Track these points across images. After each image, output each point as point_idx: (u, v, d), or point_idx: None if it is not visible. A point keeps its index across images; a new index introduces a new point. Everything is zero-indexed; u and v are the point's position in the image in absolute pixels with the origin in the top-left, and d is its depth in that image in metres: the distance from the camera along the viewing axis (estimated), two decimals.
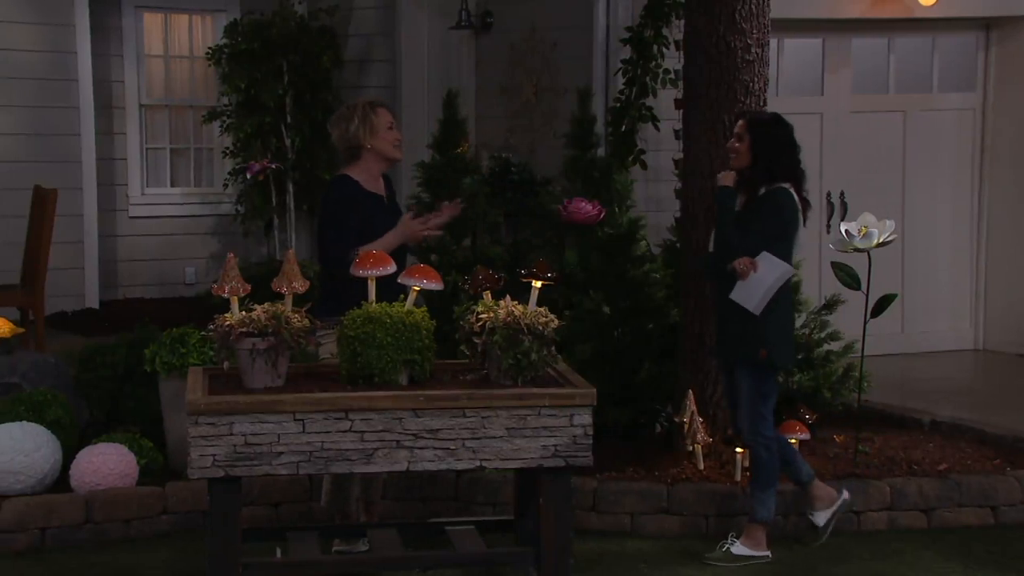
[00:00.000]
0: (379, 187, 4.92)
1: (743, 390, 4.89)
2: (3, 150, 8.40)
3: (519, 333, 4.12)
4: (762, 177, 4.85)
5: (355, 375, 4.12)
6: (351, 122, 4.85)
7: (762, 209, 4.83)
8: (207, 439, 3.92)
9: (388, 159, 4.92)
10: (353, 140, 4.86)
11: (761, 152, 4.87)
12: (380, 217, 4.83)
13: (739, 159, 4.90)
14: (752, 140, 4.88)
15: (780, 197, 4.85)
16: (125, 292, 9.26)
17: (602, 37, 7.75)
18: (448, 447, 4.05)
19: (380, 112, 4.89)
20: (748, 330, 4.81)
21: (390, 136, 4.88)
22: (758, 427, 4.89)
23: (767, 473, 4.91)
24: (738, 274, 4.80)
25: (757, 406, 4.87)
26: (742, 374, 4.89)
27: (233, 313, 4.10)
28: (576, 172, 6.43)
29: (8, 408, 5.38)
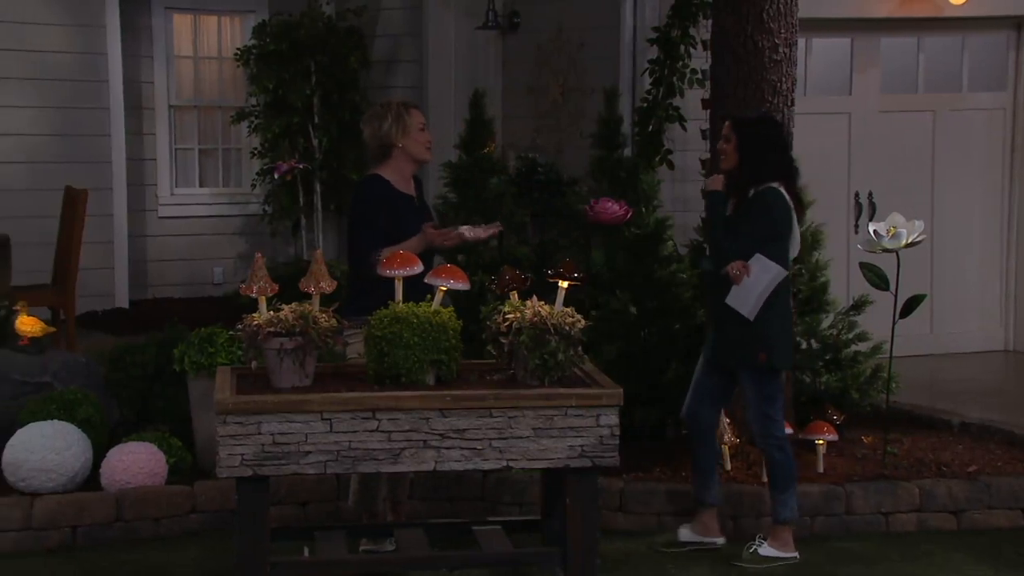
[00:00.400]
0: (410, 188, 4.93)
1: (748, 395, 4.86)
2: (35, 151, 8.48)
3: (546, 333, 4.12)
4: (750, 178, 4.81)
5: (382, 375, 4.14)
6: (384, 121, 4.86)
7: (752, 210, 4.80)
8: (235, 438, 3.94)
9: (418, 160, 4.93)
10: (385, 139, 4.87)
11: (748, 152, 4.82)
12: (410, 218, 4.83)
13: (727, 160, 4.87)
14: (738, 141, 4.84)
15: (769, 197, 4.80)
16: (154, 292, 9.32)
17: (629, 37, 7.74)
18: (475, 447, 4.05)
19: (413, 113, 4.90)
20: (746, 334, 4.78)
21: (422, 137, 4.89)
22: (768, 429, 4.87)
23: (784, 473, 4.89)
24: (731, 279, 4.77)
25: (764, 409, 4.84)
26: (745, 379, 4.86)
27: (261, 313, 4.11)
28: (603, 172, 6.42)
29: (40, 407, 5.42)
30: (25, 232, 7.89)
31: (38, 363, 5.76)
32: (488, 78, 8.65)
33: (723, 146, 4.88)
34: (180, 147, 9.57)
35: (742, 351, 4.81)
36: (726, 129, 4.90)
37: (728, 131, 4.88)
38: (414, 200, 4.92)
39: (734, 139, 4.84)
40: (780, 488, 4.90)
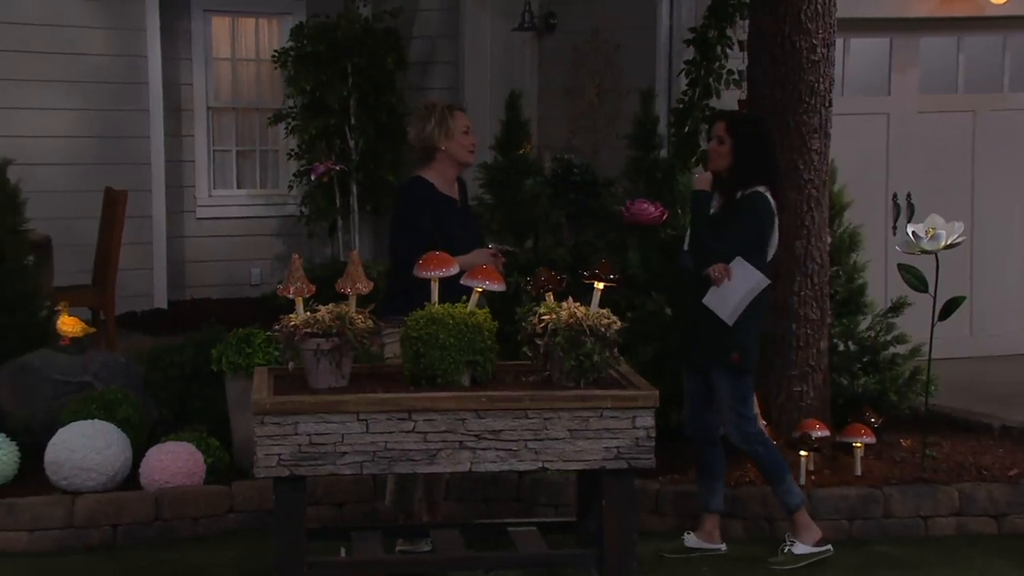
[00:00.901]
0: (453, 190, 4.93)
1: (722, 395, 4.85)
2: (76, 152, 8.57)
3: (581, 334, 4.12)
4: (742, 180, 4.80)
5: (418, 376, 4.15)
6: (427, 123, 4.86)
7: (740, 214, 4.78)
8: (272, 438, 3.97)
9: (461, 163, 4.92)
10: (428, 141, 4.87)
11: (743, 155, 4.80)
12: (452, 220, 4.84)
13: (719, 161, 4.83)
14: (734, 142, 4.80)
15: (757, 202, 4.79)
16: (192, 293, 9.39)
17: (665, 38, 7.72)
18: (510, 448, 4.06)
19: (457, 116, 4.90)
20: (719, 335, 4.77)
21: (465, 140, 4.89)
22: (745, 428, 4.85)
23: (775, 464, 4.88)
24: (712, 280, 4.75)
25: (738, 408, 4.84)
26: (718, 379, 4.84)
27: (298, 314, 4.14)
28: (639, 173, 6.41)
29: (80, 407, 5.48)
30: (66, 233, 7.97)
31: (79, 363, 5.81)
32: (524, 79, 8.65)
33: (716, 147, 4.83)
34: (218, 148, 9.64)
35: (716, 351, 4.80)
36: (720, 129, 4.84)
37: (723, 132, 4.82)
38: (456, 202, 4.93)
39: (729, 140, 4.80)
40: (777, 479, 4.89)
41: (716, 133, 4.85)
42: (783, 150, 5.67)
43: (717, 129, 4.85)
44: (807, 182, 5.72)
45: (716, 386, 4.86)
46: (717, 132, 4.84)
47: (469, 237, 4.91)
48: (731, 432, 4.86)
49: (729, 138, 4.80)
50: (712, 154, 4.85)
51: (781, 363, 5.73)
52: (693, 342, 4.90)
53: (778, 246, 5.70)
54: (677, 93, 7.43)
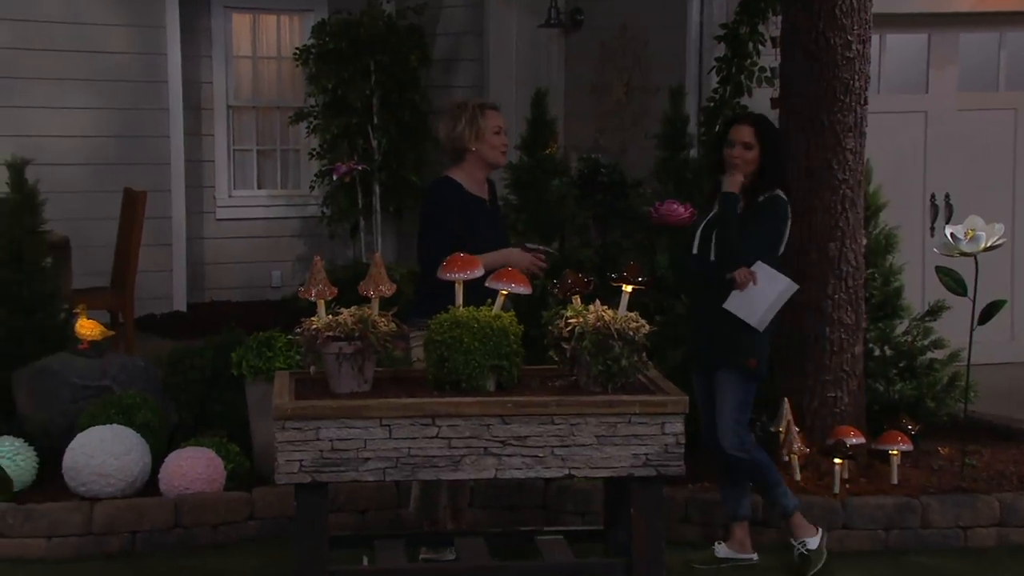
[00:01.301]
0: (482, 190, 4.93)
1: (726, 400, 4.83)
2: (94, 152, 8.63)
3: (609, 338, 4.12)
4: (767, 184, 4.82)
5: (442, 380, 4.17)
6: (458, 122, 4.85)
7: (762, 216, 4.79)
8: (294, 444, 3.99)
9: (491, 164, 4.92)
10: (458, 141, 4.86)
11: (771, 159, 4.84)
12: (481, 221, 4.84)
13: (746, 166, 4.83)
14: (763, 147, 4.82)
15: (780, 205, 4.82)
16: (212, 295, 9.44)
17: (695, 34, 7.71)
18: (536, 455, 4.07)
19: (489, 115, 4.87)
20: (737, 338, 4.76)
21: (496, 141, 4.86)
22: (742, 437, 4.85)
23: (770, 471, 4.89)
24: (737, 285, 4.74)
25: (738, 416, 4.83)
26: (726, 382, 4.82)
27: (320, 317, 4.16)
28: (668, 173, 6.41)
29: (99, 411, 5.52)
30: (84, 234, 8.03)
31: (97, 367, 5.86)
32: (550, 77, 8.66)
33: (743, 153, 4.81)
34: (238, 148, 9.70)
35: (728, 353, 4.80)
36: (747, 135, 4.83)
37: (751, 138, 4.82)
38: (486, 203, 4.92)
39: (757, 146, 4.82)
40: (771, 486, 4.89)
41: (741, 139, 4.83)
42: (817, 149, 5.67)
43: (741, 134, 4.84)
44: (841, 182, 5.71)
45: (719, 388, 4.85)
46: (742, 138, 4.83)
47: (497, 238, 4.91)
48: (724, 436, 4.84)
49: (757, 143, 4.82)
50: (738, 160, 4.82)
51: (815, 368, 5.72)
52: (702, 344, 4.90)
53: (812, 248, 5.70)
54: (707, 91, 7.42)
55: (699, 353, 4.96)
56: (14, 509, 5.10)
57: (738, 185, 4.83)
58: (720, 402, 4.85)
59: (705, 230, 4.89)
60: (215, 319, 8.06)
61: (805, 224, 5.59)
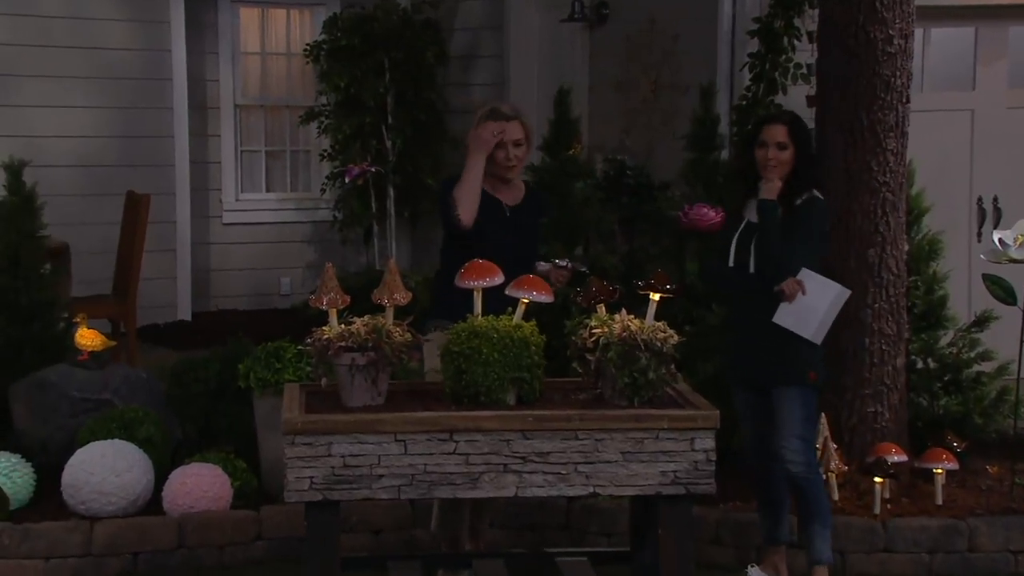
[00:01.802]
0: (507, 194, 4.87)
1: (792, 417, 4.77)
2: (95, 153, 8.66)
3: (636, 349, 4.13)
4: (803, 186, 4.80)
5: (460, 393, 4.18)
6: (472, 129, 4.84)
7: (802, 221, 4.76)
8: (304, 460, 4.00)
9: (496, 177, 4.85)
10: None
11: (805, 159, 4.82)
12: (493, 225, 4.79)
13: (780, 169, 4.80)
14: (797, 147, 4.81)
15: (819, 206, 4.81)
16: (218, 303, 9.48)
17: (727, 29, 7.72)
18: (559, 472, 4.07)
19: (489, 126, 4.78)
20: (792, 351, 4.73)
21: (497, 155, 4.81)
22: (809, 456, 4.80)
23: (827, 505, 4.84)
24: (785, 296, 4.72)
25: (804, 432, 4.79)
26: (786, 399, 4.78)
27: (331, 326, 4.18)
28: (697, 176, 6.42)
29: (100, 426, 5.54)
30: (85, 240, 8.08)
31: (98, 379, 5.89)
32: (574, 74, 8.68)
33: (778, 154, 4.79)
34: (246, 149, 9.74)
35: (789, 369, 4.76)
36: (781, 134, 4.81)
37: (786, 137, 4.80)
38: (504, 206, 4.87)
39: (792, 146, 4.80)
40: (823, 522, 4.81)
41: (775, 138, 4.81)
42: (856, 150, 5.67)
43: (775, 134, 4.82)
44: (882, 185, 5.70)
45: (780, 406, 4.81)
46: (776, 137, 4.81)
47: (518, 246, 4.84)
48: (790, 458, 4.79)
49: (792, 143, 4.80)
50: (773, 161, 4.79)
51: (853, 381, 5.71)
52: (749, 359, 4.87)
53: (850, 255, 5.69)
54: (740, 89, 7.42)
55: (745, 368, 4.91)
56: (10, 529, 5.13)
57: (776, 192, 4.81)
58: (783, 420, 4.80)
59: (742, 239, 4.85)
60: (221, 329, 8.09)
61: (843, 229, 5.59)
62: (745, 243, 4.83)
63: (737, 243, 4.85)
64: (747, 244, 4.82)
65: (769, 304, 4.76)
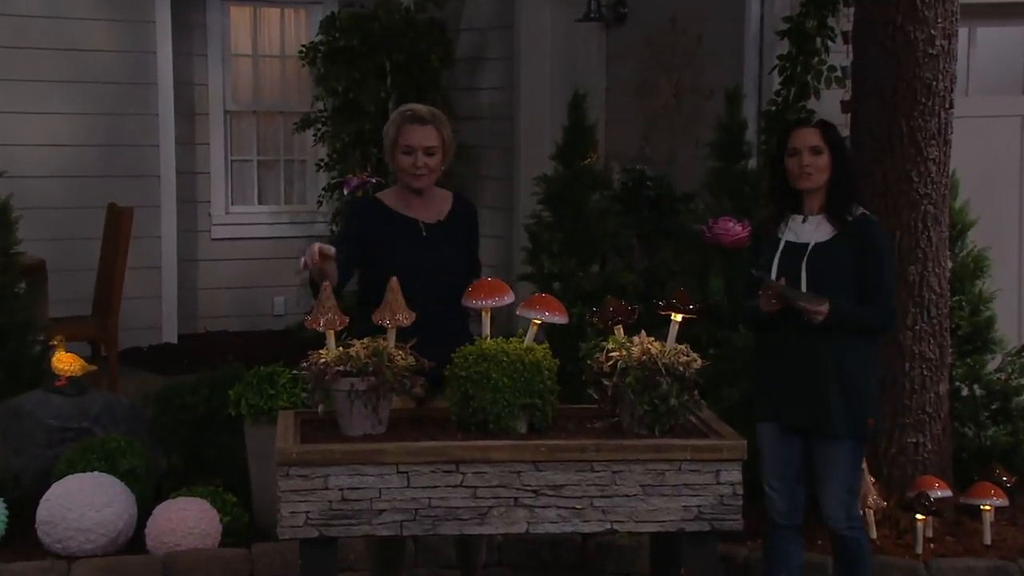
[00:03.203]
0: (427, 211, 4.77)
1: (838, 468, 4.60)
2: (74, 163, 8.69)
3: (656, 374, 4.14)
4: (848, 196, 4.62)
5: (467, 421, 4.20)
6: (385, 132, 4.80)
7: (873, 248, 4.56)
8: (299, 494, 4.02)
9: (406, 187, 4.77)
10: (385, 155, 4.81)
11: (843, 166, 4.63)
12: (406, 246, 4.68)
13: (819, 177, 4.61)
14: (834, 152, 4.62)
15: (879, 226, 4.65)
16: (206, 325, 9.51)
17: (755, 29, 7.74)
18: (573, 506, 4.09)
19: (404, 131, 4.72)
20: (853, 399, 4.56)
21: (404, 162, 4.72)
22: (855, 510, 4.66)
23: (869, 563, 4.68)
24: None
25: (852, 483, 4.65)
26: (838, 450, 4.59)
27: (329, 349, 4.20)
28: (723, 187, 6.43)
29: (78, 457, 5.57)
30: (63, 257, 8.11)
31: (77, 406, 5.92)
32: (589, 78, 8.71)
33: (814, 160, 4.59)
34: (237, 159, 9.79)
35: (848, 417, 4.57)
36: (814, 138, 4.61)
37: (820, 141, 4.61)
38: (420, 225, 4.74)
39: (828, 151, 4.61)
40: None
41: (808, 143, 4.61)
42: (894, 159, 5.68)
43: (807, 138, 4.62)
44: (923, 197, 5.72)
45: (828, 456, 4.61)
46: (809, 141, 4.61)
47: (436, 268, 4.68)
48: (836, 512, 4.61)
49: (827, 147, 4.63)
50: (809, 168, 4.60)
51: (892, 410, 5.71)
52: (792, 397, 4.63)
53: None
54: (769, 93, 7.44)
55: (786, 409, 4.66)
56: None
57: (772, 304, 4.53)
58: (829, 472, 4.61)
59: (785, 263, 4.61)
60: (210, 352, 8.13)
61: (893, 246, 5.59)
62: (790, 267, 4.59)
63: (779, 268, 4.61)
64: (791, 268, 4.58)
65: (824, 339, 4.53)
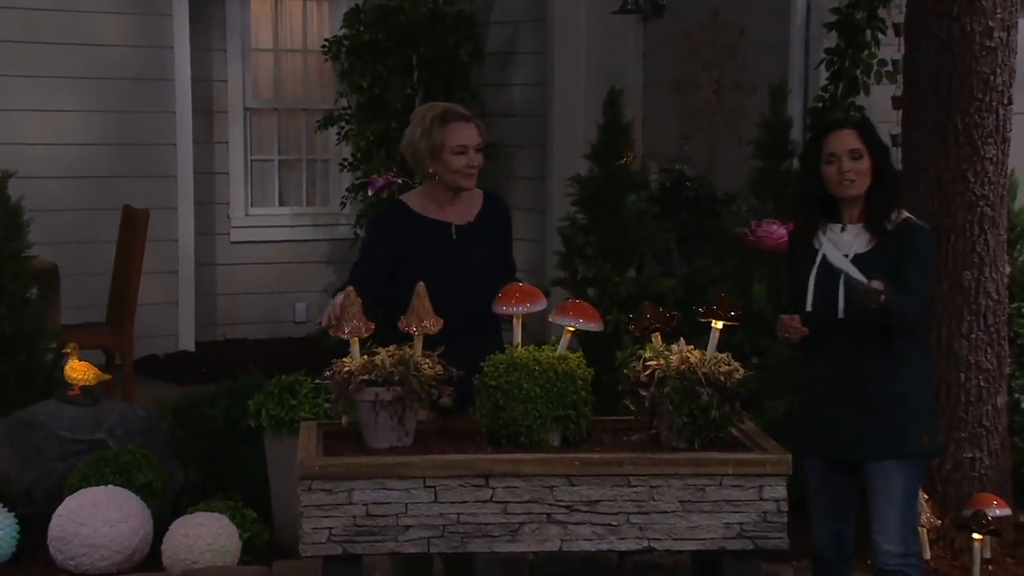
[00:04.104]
0: (457, 212, 4.77)
1: (893, 494, 4.46)
2: (88, 163, 8.73)
3: (696, 384, 4.14)
4: (890, 201, 4.50)
5: (497, 433, 4.20)
6: (414, 133, 4.77)
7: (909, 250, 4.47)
8: (322, 509, 4.04)
9: (451, 188, 4.74)
10: (415, 158, 4.77)
11: (886, 170, 4.52)
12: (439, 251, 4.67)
13: (855, 186, 4.47)
14: (875, 155, 4.50)
15: (924, 234, 4.55)
16: (225, 332, 9.55)
17: (801, 21, 7.73)
18: (609, 523, 4.09)
19: (451, 129, 4.69)
20: (904, 416, 4.45)
21: (457, 162, 4.68)
22: (911, 543, 4.49)
23: None
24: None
25: (910, 512, 4.51)
26: (891, 473, 4.46)
27: (353, 358, 4.21)
28: (766, 188, 6.43)
29: (93, 470, 5.59)
30: (75, 261, 8.16)
31: (90, 417, 5.95)
32: (626, 73, 8.72)
33: (854, 164, 4.45)
34: (257, 158, 9.82)
35: (900, 436, 4.45)
36: (854, 140, 4.47)
37: (860, 143, 4.47)
38: (452, 228, 4.75)
39: (868, 153, 4.48)
40: None
41: (846, 146, 4.46)
42: (949, 158, 5.67)
43: (845, 140, 4.48)
44: (979, 198, 5.70)
45: (879, 483, 4.49)
46: (848, 144, 4.47)
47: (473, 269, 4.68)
48: (889, 547, 4.45)
49: (867, 150, 4.49)
50: (851, 174, 4.46)
51: (947, 423, 5.68)
52: (834, 425, 4.51)
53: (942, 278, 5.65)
54: (816, 89, 7.44)
55: (828, 438, 4.54)
56: None
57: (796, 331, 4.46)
58: (883, 499, 4.47)
59: (822, 278, 4.51)
60: (229, 360, 8.15)
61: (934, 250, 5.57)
62: (826, 284, 4.49)
63: (816, 284, 4.51)
64: (829, 285, 4.49)
65: (863, 356, 4.46)
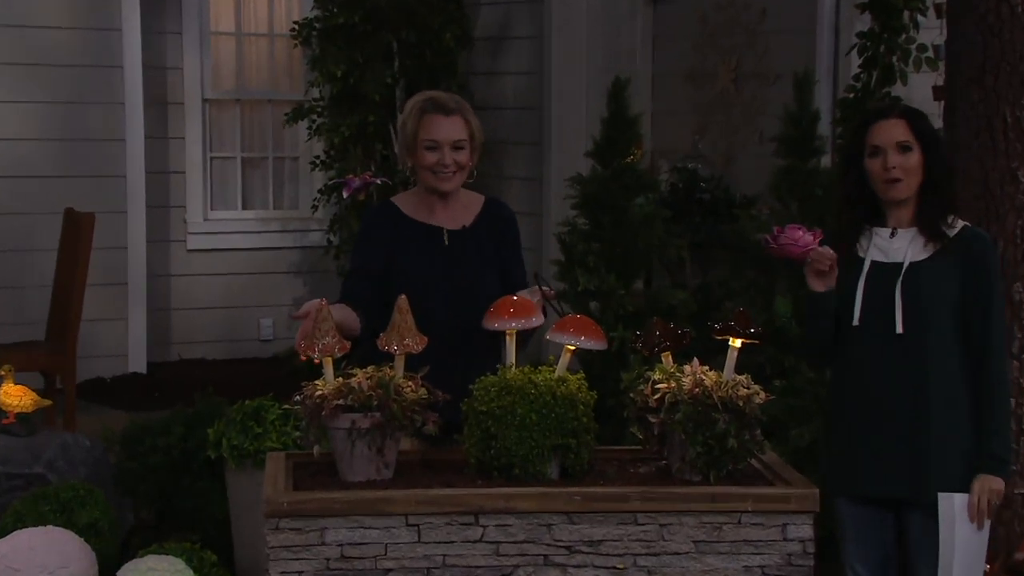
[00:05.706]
0: (449, 217, 4.79)
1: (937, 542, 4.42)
2: (25, 161, 8.73)
3: (711, 410, 4.16)
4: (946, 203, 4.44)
5: (488, 465, 4.21)
6: (400, 124, 4.80)
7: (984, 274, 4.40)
8: (291, 550, 4.04)
9: (429, 189, 4.76)
10: (399, 153, 4.80)
11: (939, 163, 4.45)
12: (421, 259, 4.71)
13: (906, 184, 4.41)
14: (927, 150, 4.42)
15: (992, 246, 4.51)
16: (180, 351, 9.55)
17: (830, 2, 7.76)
18: (614, 565, 4.10)
19: (426, 121, 4.69)
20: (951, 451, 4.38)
21: (427, 159, 4.69)
22: None
23: None
24: None
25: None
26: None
27: (326, 380, 4.23)
28: (790, 189, 6.44)
29: (29, 508, 5.58)
30: (11, 271, 8.18)
31: (28, 448, 5.95)
32: (633, 61, 8.74)
33: (902, 160, 4.39)
34: (217, 156, 9.84)
35: (952, 476, 4.39)
36: (903, 132, 4.40)
37: (908, 135, 4.40)
38: (441, 232, 4.78)
39: (919, 148, 4.41)
40: None
41: (893, 139, 4.41)
42: (997, 156, 5.67)
43: (892, 132, 4.42)
44: None
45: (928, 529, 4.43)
46: (895, 137, 4.40)
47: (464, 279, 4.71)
48: None
49: (917, 143, 4.43)
50: (898, 171, 4.40)
51: None
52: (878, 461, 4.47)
53: None
54: (846, 78, 7.46)
55: (876, 477, 4.48)
56: None
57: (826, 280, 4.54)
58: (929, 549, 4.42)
59: (872, 286, 4.46)
60: (185, 384, 8.15)
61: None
62: (879, 293, 4.43)
63: (865, 295, 4.46)
64: (882, 294, 4.42)
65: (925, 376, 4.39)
